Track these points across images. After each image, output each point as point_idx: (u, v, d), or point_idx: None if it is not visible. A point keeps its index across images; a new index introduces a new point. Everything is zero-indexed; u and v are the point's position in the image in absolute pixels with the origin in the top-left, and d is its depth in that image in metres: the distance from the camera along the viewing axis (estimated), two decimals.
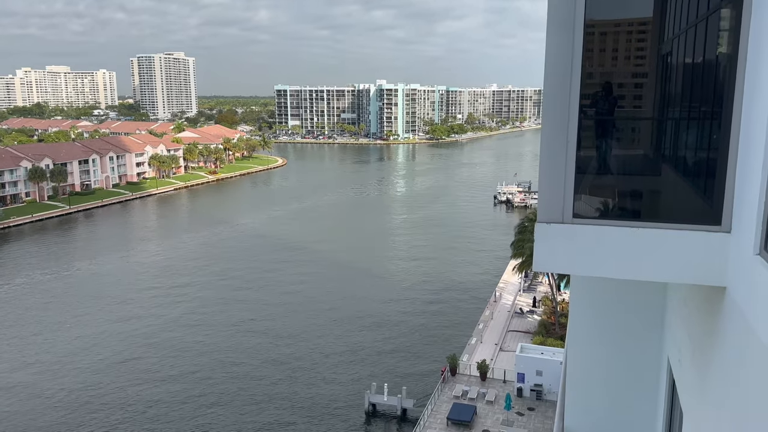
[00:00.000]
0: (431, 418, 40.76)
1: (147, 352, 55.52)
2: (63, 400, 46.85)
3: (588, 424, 12.41)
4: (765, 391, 4.61)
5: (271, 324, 62.25)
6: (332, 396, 47.17)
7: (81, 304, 68.20)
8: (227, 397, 47.11)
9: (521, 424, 39.81)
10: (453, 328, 60.26)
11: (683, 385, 8.62)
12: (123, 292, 72.19)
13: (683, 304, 8.65)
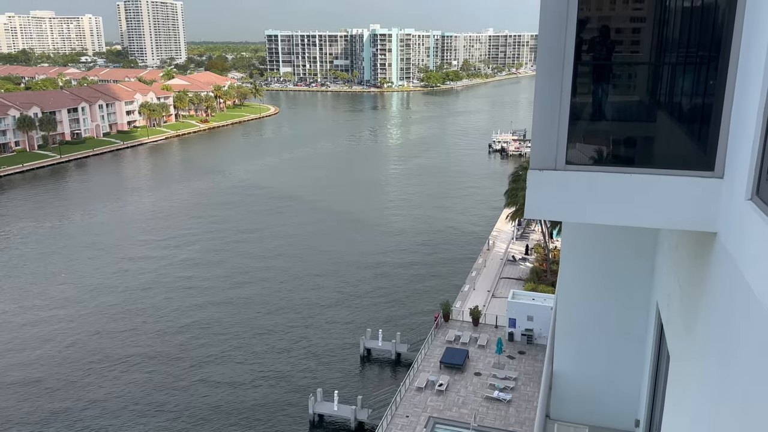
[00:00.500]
0: (425, 362, 41.77)
1: (143, 302, 56.15)
2: (60, 351, 47.64)
3: (576, 367, 12.74)
4: (750, 335, 4.71)
5: (267, 274, 62.84)
6: (328, 342, 48.13)
7: (75, 254, 68.43)
8: (225, 346, 47.99)
9: (512, 368, 40.89)
10: (446, 275, 61.06)
11: (671, 330, 8.80)
12: (117, 242, 72.38)
13: (673, 250, 8.73)
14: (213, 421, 38.17)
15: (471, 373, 40.31)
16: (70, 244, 71.72)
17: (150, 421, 38.21)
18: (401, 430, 34.17)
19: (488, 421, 34.83)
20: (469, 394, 37.71)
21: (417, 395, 37.62)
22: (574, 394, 12.82)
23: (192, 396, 40.85)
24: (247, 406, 39.68)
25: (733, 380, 5.10)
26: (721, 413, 5.47)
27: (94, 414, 38.98)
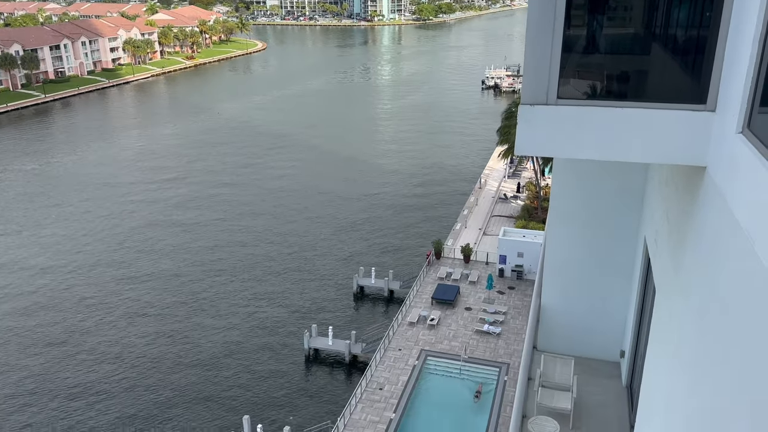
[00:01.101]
0: (417, 298, 42.60)
1: (135, 242, 56.36)
2: (55, 296, 48.12)
3: (563, 301, 13.02)
4: (736, 269, 4.78)
5: (259, 215, 62.96)
6: (322, 281, 48.83)
7: (64, 196, 68.05)
8: (220, 287, 48.60)
9: (501, 302, 41.82)
10: (438, 214, 61.42)
11: (658, 265, 8.95)
12: (107, 184, 71.90)
13: (663, 186, 8.76)
14: (210, 358, 39.12)
15: (462, 308, 41.21)
16: (58, 186, 71.21)
17: (148, 367, 39.11)
18: (394, 362, 35.20)
19: (478, 353, 35.90)
20: (460, 328, 38.68)
21: (409, 330, 38.56)
22: (561, 327, 13.16)
23: (189, 335, 41.70)
24: (244, 343, 40.61)
25: (717, 314, 5.21)
26: (704, 345, 5.63)
27: (91, 360, 39.82)
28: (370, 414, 30.98)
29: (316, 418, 32.87)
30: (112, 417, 33.82)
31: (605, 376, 12.68)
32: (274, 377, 37.12)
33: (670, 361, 7.26)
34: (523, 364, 11.93)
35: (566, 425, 11.31)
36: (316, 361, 38.78)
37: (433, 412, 31.58)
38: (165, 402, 34.97)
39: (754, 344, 4.08)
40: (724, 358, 4.85)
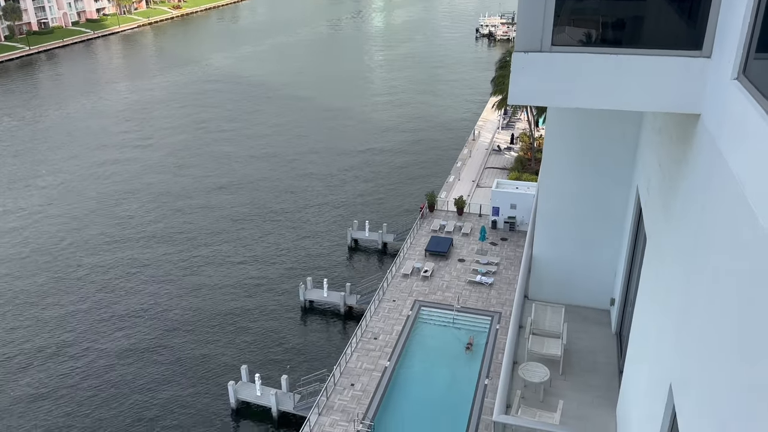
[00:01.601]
0: (410, 250, 42.93)
1: (127, 196, 56.14)
2: (50, 250, 48.14)
3: (555, 250, 13.16)
4: (726, 215, 4.81)
5: (250, 169, 62.57)
6: (316, 234, 49.03)
7: (53, 151, 67.25)
8: (214, 239, 48.73)
9: (494, 253, 42.23)
10: (432, 167, 61.23)
11: (649, 212, 9.02)
12: (96, 138, 71.01)
13: (656, 134, 8.74)
14: (206, 312, 39.58)
15: (455, 259, 41.61)
16: (47, 141, 70.28)
17: (144, 324, 39.54)
18: (388, 313, 35.75)
19: (470, 303, 36.48)
20: (453, 279, 39.16)
21: (403, 281, 39.01)
22: (552, 276, 13.34)
23: (182, 287, 42.06)
24: (240, 297, 41.05)
25: (707, 261, 5.28)
26: (692, 290, 5.72)
27: (88, 319, 40.18)
28: (366, 362, 31.66)
29: (313, 367, 33.58)
30: (109, 378, 34.43)
31: (595, 324, 12.95)
32: (270, 329, 37.70)
33: (658, 308, 7.41)
34: (515, 313, 12.15)
35: (556, 371, 11.61)
36: (312, 313, 39.32)
37: (427, 359, 32.31)
38: (162, 360, 35.55)
39: (743, 291, 4.15)
40: (712, 306, 4.94)
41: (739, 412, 3.89)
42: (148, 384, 33.14)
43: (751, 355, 3.77)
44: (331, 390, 29.64)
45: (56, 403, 31.96)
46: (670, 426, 6.32)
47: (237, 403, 31.12)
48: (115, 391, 32.63)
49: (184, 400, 31.93)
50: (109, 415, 31.06)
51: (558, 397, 10.83)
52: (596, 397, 10.81)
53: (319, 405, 28.62)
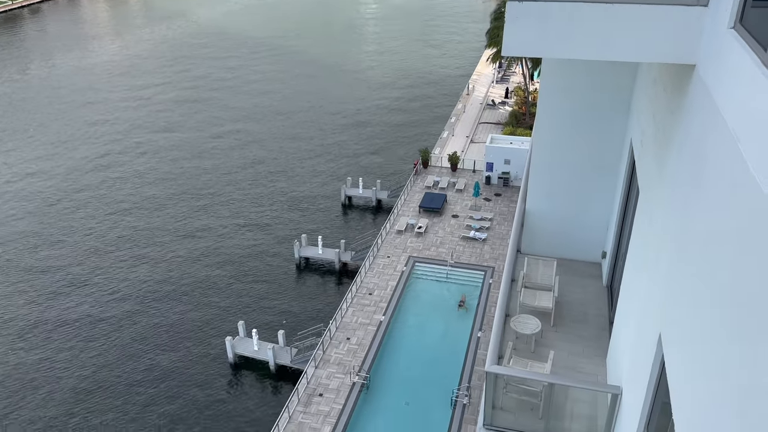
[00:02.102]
0: (404, 207, 43.01)
1: (118, 155, 55.63)
2: (47, 207, 47.92)
3: (547, 204, 13.21)
4: (720, 165, 4.81)
5: (241, 127, 61.89)
6: (309, 192, 48.94)
7: (41, 109, 66.15)
8: (206, 200, 48.58)
9: (488, 209, 42.38)
10: (425, 122, 60.74)
11: (642, 165, 9.02)
12: (84, 96, 69.79)
13: (651, 85, 8.66)
14: (200, 269, 39.79)
15: (449, 215, 41.76)
16: (34, 99, 69.07)
17: (129, 274, 39.73)
18: (383, 269, 36.06)
19: (464, 258, 36.81)
20: (447, 235, 39.39)
21: (397, 238, 39.21)
22: (545, 230, 13.43)
23: (175, 247, 42.17)
24: (234, 255, 41.21)
25: (699, 211, 5.31)
26: (684, 242, 5.77)
27: (81, 267, 40.32)
28: (361, 317, 32.11)
29: (309, 322, 34.06)
30: (106, 337, 34.80)
31: (586, 276, 13.12)
32: (266, 286, 38.02)
33: (649, 260, 7.49)
34: (507, 267, 12.28)
35: (547, 323, 11.82)
36: (307, 270, 39.61)
37: (421, 313, 32.79)
38: (159, 320, 35.90)
39: (734, 245, 4.18)
40: (703, 258, 4.99)
41: (727, 361, 3.98)
42: (145, 344, 33.57)
43: (740, 307, 3.83)
44: (327, 344, 30.15)
45: (54, 368, 32.43)
46: (658, 375, 6.47)
47: (235, 358, 31.65)
48: (115, 352, 33.06)
49: (183, 355, 32.42)
50: (109, 374, 31.56)
51: (549, 347, 11.05)
52: (586, 348, 11.04)
53: (315, 358, 29.15)
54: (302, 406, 26.60)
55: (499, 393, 9.35)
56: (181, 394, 30.01)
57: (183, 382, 30.76)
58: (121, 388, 30.44)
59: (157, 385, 30.58)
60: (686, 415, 4.91)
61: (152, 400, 29.64)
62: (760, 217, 3.61)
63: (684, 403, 5.03)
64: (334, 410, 26.34)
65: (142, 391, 30.19)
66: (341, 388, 27.49)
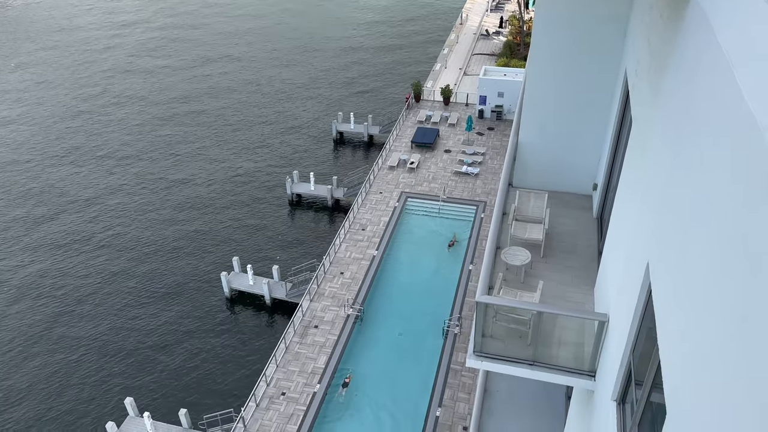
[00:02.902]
0: (396, 142, 42.70)
1: (106, 98, 54.40)
2: (45, 129, 47.20)
3: (540, 137, 13.13)
4: (714, 94, 4.74)
5: (232, 56, 60.33)
6: (300, 128, 48.34)
7: (19, 44, 64.04)
8: (198, 143, 47.93)
9: (480, 143, 42.16)
10: (417, 54, 59.40)
11: (636, 95, 8.91)
12: (63, 29, 67.47)
13: (647, 12, 8.44)
14: (193, 207, 39.76)
15: (441, 150, 41.55)
16: (7, 33, 66.75)
17: (122, 217, 39.65)
18: (375, 205, 36.18)
19: (456, 193, 36.92)
20: (439, 170, 39.33)
21: (389, 173, 39.13)
22: (537, 163, 13.41)
23: (167, 186, 41.96)
24: (226, 191, 41.12)
25: (691, 141, 5.28)
26: (675, 172, 5.77)
27: (67, 215, 40.15)
28: (354, 252, 32.47)
29: (303, 257, 34.44)
30: (101, 276, 35.07)
31: (577, 208, 13.21)
32: (259, 223, 38.17)
33: (640, 191, 7.51)
34: (499, 200, 12.31)
35: (537, 254, 11.98)
36: (300, 207, 39.68)
37: (414, 247, 33.18)
38: (153, 258, 36.13)
39: (726, 174, 4.17)
40: (693, 187, 4.99)
41: (713, 289, 4.05)
42: (141, 280, 33.94)
43: (728, 236, 3.87)
44: (321, 278, 30.61)
45: (58, 313, 32.84)
46: (645, 302, 6.62)
47: (231, 292, 32.15)
48: (112, 286, 33.46)
49: (179, 291, 32.88)
50: (105, 310, 32.05)
51: (538, 278, 11.26)
52: (575, 278, 11.25)
53: (310, 292, 29.65)
54: (298, 337, 27.29)
55: (489, 322, 9.57)
56: (179, 327, 30.64)
57: (180, 317, 31.33)
58: (121, 322, 31.01)
59: (154, 321, 31.15)
60: (671, 340, 5.05)
61: (149, 336, 30.28)
62: (752, 146, 3.58)
63: (669, 329, 5.17)
64: (329, 341, 27.05)
65: (139, 327, 30.78)
66: (336, 321, 28.14)
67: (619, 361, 7.35)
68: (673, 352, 4.89)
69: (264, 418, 23.68)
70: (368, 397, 24.72)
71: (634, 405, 6.55)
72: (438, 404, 24.08)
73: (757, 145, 3.48)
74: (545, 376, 9.26)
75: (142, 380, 27.70)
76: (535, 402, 13.12)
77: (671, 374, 4.83)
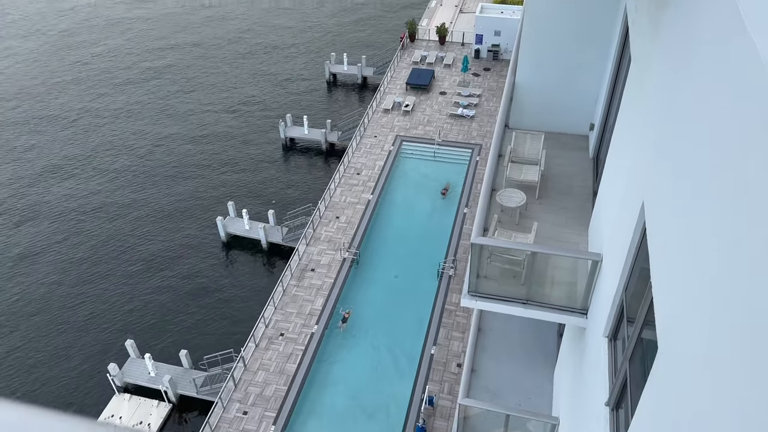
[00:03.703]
0: (391, 84, 42.01)
1: (98, 40, 52.95)
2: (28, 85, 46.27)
3: (537, 77, 12.89)
4: (714, 24, 4.61)
5: (222, 9, 58.49)
6: (293, 70, 47.38)
7: None
8: (189, 83, 46.99)
9: (476, 85, 41.52)
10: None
11: (636, 32, 8.69)
12: None
13: None
14: (184, 150, 39.39)
15: (436, 92, 40.95)
16: None
17: (116, 158, 39.29)
18: (370, 149, 35.92)
19: (452, 137, 36.64)
20: (434, 113, 38.87)
21: (384, 116, 38.67)
22: (534, 103, 13.23)
23: (159, 131, 41.42)
24: (219, 133, 40.65)
25: (690, 74, 5.17)
26: (672, 109, 5.69)
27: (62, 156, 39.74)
28: (349, 196, 32.46)
29: (297, 202, 34.43)
30: (93, 211, 35.01)
31: (573, 149, 13.12)
32: (253, 167, 37.93)
33: (637, 129, 7.43)
34: (495, 141, 12.21)
35: (532, 196, 11.98)
36: (294, 151, 39.36)
37: (409, 191, 33.17)
38: (148, 203, 36.01)
39: (725, 109, 4.09)
40: (691, 124, 4.93)
41: (707, 228, 4.05)
42: (137, 225, 33.95)
43: (724, 175, 3.83)
44: (317, 223, 30.70)
45: (57, 250, 32.94)
46: (639, 241, 6.66)
47: (227, 237, 32.28)
48: (111, 227, 33.51)
49: (175, 236, 32.98)
50: (104, 254, 32.20)
51: (533, 219, 11.29)
52: (570, 219, 11.29)
53: (306, 236, 29.81)
54: (295, 280, 27.61)
55: (483, 263, 9.66)
56: (176, 272, 30.88)
57: (177, 261, 31.55)
58: (122, 268, 31.24)
59: (152, 265, 31.37)
60: (664, 278, 5.10)
61: (147, 280, 30.55)
62: (754, 82, 3.50)
63: (663, 267, 5.21)
64: (326, 284, 27.40)
65: (136, 272, 31.02)
66: (332, 264, 28.41)
67: (612, 299, 7.46)
68: (666, 289, 4.95)
69: (264, 358, 24.24)
70: (365, 336, 25.26)
71: (625, 341, 6.68)
72: (433, 343, 24.65)
73: (759, 81, 3.39)
74: (538, 314, 9.42)
75: (142, 324, 28.16)
76: (528, 340, 13.43)
77: (664, 311, 4.90)
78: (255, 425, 21.92)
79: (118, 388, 24.76)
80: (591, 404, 7.65)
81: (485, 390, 12.65)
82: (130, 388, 25.14)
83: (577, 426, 8.55)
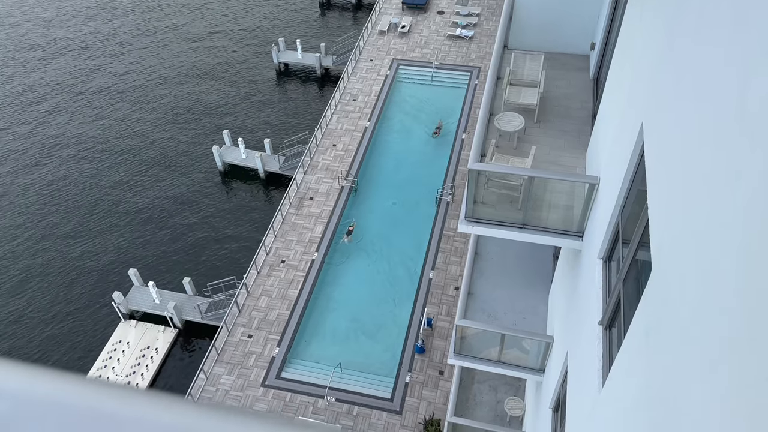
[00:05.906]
0: (386, 4, 40.58)
1: None
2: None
3: (535, 9, 12.42)
4: None
5: None
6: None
7: None
8: (164, 11, 45.31)
9: (475, 3, 40.09)
10: None
11: None
12: None
13: None
14: (173, 79, 38.53)
15: (434, 12, 39.62)
16: None
17: (110, 94, 38.46)
18: (366, 74, 35.14)
19: (450, 59, 35.76)
20: (432, 34, 37.76)
21: (380, 39, 37.59)
22: (534, 22, 12.81)
23: (150, 61, 40.35)
24: (208, 60, 39.66)
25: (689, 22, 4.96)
26: (673, 30, 5.50)
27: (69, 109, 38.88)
28: (346, 124, 32.07)
29: (293, 130, 34.05)
30: (92, 143, 34.68)
31: (573, 70, 12.83)
32: (246, 94, 37.23)
33: (639, 49, 7.23)
34: (493, 63, 11.89)
35: (531, 119, 11.81)
36: (288, 76, 38.52)
37: (407, 118, 32.73)
38: (141, 137, 35.54)
39: (728, 30, 3.94)
40: (692, 46, 4.77)
41: (707, 150, 4.00)
42: (131, 156, 33.71)
43: (725, 96, 3.75)
44: (314, 151, 30.49)
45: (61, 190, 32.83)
46: (637, 163, 6.61)
47: (224, 166, 32.15)
48: (108, 161, 33.31)
49: (172, 163, 32.82)
50: (102, 185, 32.15)
51: (531, 143, 11.19)
52: (568, 142, 11.19)
53: (303, 165, 29.68)
54: (294, 208, 27.73)
55: (480, 189, 9.64)
56: (175, 201, 30.96)
57: (175, 191, 31.56)
58: (123, 206, 31.30)
59: (151, 195, 31.40)
60: (661, 199, 5.10)
61: (147, 210, 30.67)
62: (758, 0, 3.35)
63: (660, 188, 5.20)
64: (324, 212, 27.55)
65: (135, 200, 31.10)
66: (330, 192, 28.45)
67: (608, 221, 7.51)
68: (662, 211, 4.96)
69: (266, 284, 24.72)
70: (366, 256, 25.65)
71: (620, 262, 6.78)
72: (431, 267, 25.07)
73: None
74: (534, 238, 9.50)
75: (145, 253, 28.50)
76: (524, 263, 13.64)
77: (659, 232, 4.93)
78: (260, 348, 22.64)
79: (123, 316, 25.37)
80: (585, 323, 7.86)
81: (482, 312, 12.96)
82: (135, 315, 25.76)
83: (571, 344, 8.82)
